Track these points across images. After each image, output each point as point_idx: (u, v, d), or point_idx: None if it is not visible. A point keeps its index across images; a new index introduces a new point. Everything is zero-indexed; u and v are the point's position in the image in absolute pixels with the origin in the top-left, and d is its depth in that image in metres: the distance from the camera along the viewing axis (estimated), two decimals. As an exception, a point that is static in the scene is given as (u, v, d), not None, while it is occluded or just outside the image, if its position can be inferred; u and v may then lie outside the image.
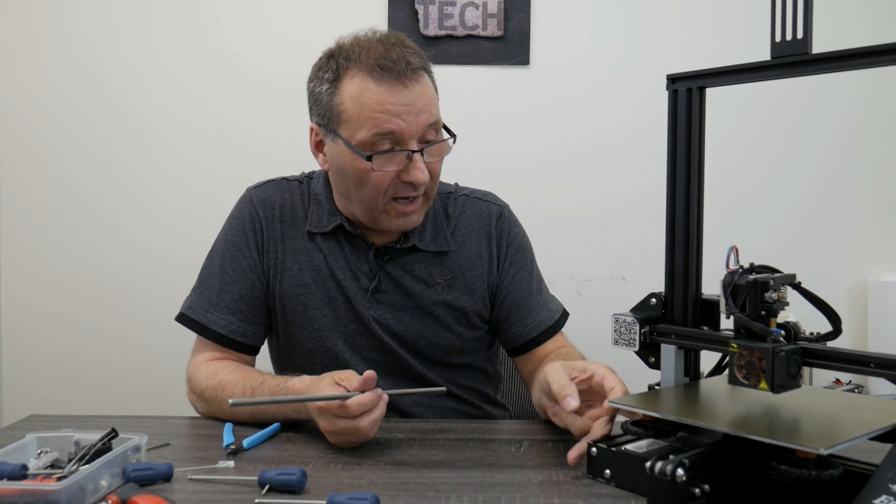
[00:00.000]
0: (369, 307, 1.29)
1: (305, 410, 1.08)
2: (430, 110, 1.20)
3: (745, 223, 2.32)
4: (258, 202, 1.34)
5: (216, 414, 1.21)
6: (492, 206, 1.39)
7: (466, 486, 0.91)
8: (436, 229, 1.34)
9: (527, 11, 2.32)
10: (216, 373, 1.23)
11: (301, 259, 1.30)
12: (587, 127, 2.36)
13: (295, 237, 1.32)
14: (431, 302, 1.31)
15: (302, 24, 2.33)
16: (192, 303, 1.31)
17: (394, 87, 1.16)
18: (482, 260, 1.35)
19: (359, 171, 1.20)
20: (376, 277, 1.29)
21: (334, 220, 1.30)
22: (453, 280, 1.33)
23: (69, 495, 0.79)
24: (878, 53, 0.79)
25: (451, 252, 1.33)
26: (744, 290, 0.86)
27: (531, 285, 1.37)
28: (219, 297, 1.30)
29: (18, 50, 2.33)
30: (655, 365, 0.99)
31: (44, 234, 2.36)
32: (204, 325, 1.28)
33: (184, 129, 2.35)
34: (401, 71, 1.16)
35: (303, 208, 1.33)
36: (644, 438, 0.90)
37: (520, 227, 1.42)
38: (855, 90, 2.34)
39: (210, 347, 1.29)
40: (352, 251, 1.30)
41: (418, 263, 1.31)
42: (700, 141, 0.96)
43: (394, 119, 1.16)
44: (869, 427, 0.79)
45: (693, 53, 2.32)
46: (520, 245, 1.39)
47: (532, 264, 1.40)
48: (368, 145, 1.17)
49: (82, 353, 2.36)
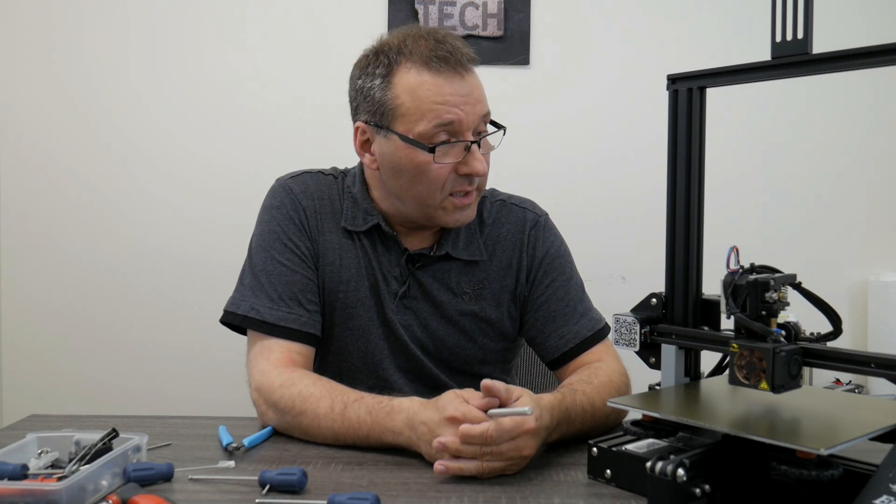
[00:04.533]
0: (396, 311, 1.27)
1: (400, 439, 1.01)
2: (484, 101, 1.19)
3: (746, 223, 2.32)
4: (299, 191, 1.29)
5: (291, 427, 1.10)
6: (528, 214, 1.35)
7: (466, 486, 0.91)
8: (469, 237, 1.30)
9: (527, 11, 2.32)
10: (293, 382, 1.12)
11: (340, 254, 1.27)
12: (587, 127, 2.36)
13: (333, 230, 1.28)
14: (457, 312, 1.28)
15: (302, 23, 2.33)
16: (253, 303, 1.22)
17: (451, 78, 1.16)
18: (511, 270, 1.31)
19: (417, 166, 1.17)
20: (406, 283, 1.27)
21: (371, 219, 1.26)
22: (481, 290, 1.29)
23: (70, 495, 0.79)
24: (878, 53, 0.79)
25: (483, 261, 1.30)
26: (744, 291, 0.86)
27: (568, 295, 1.31)
28: (279, 291, 1.23)
29: (19, 49, 2.33)
30: (656, 365, 0.99)
31: (44, 234, 2.35)
32: (272, 323, 1.20)
33: (184, 128, 2.34)
34: (457, 61, 1.16)
35: (339, 202, 1.30)
36: (644, 438, 0.90)
37: (556, 236, 1.36)
38: (855, 90, 2.33)
39: (278, 348, 1.19)
40: (384, 253, 1.27)
41: (449, 272, 1.28)
42: (700, 141, 0.96)
43: (453, 109, 1.15)
44: (869, 427, 0.79)
45: (693, 53, 2.32)
46: (556, 254, 1.33)
47: (570, 274, 1.34)
48: (427, 137, 1.16)
49: (83, 353, 2.36)
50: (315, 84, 2.32)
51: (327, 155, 2.43)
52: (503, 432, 0.91)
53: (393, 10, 2.31)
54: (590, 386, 1.13)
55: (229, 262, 2.28)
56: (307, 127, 2.32)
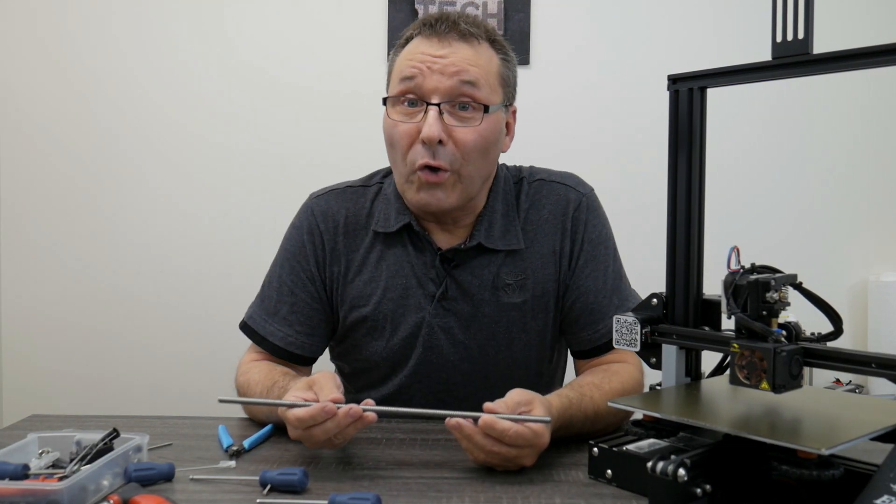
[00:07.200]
0: (435, 315, 1.24)
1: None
2: (469, 72, 1.15)
3: (747, 223, 2.32)
4: (319, 213, 1.29)
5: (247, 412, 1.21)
6: (570, 193, 1.28)
7: (467, 486, 0.91)
8: (506, 224, 1.25)
9: (527, 11, 2.32)
10: (248, 371, 1.22)
11: (366, 271, 1.26)
12: (587, 127, 2.36)
13: (359, 248, 1.27)
14: (499, 307, 1.24)
15: (302, 23, 2.33)
16: (254, 312, 1.29)
17: (429, 40, 1.16)
18: (554, 257, 1.25)
19: (387, 130, 1.19)
20: (443, 284, 1.23)
21: (402, 218, 1.24)
22: (525, 280, 1.24)
23: (71, 495, 0.79)
24: (879, 53, 0.79)
25: (522, 250, 1.24)
26: (745, 291, 0.86)
27: (606, 285, 1.26)
28: (276, 307, 1.27)
29: (20, 49, 2.33)
30: (657, 365, 0.99)
31: (44, 234, 2.35)
32: (262, 336, 1.27)
33: (184, 128, 2.35)
34: (444, 30, 1.16)
35: (367, 216, 1.28)
36: (645, 438, 0.90)
37: (600, 218, 1.30)
38: (856, 90, 2.33)
39: (265, 356, 1.28)
40: (418, 255, 1.24)
41: (487, 266, 1.24)
42: (701, 141, 0.96)
43: (418, 66, 1.15)
44: (870, 427, 0.79)
45: (693, 53, 2.32)
46: (598, 240, 1.27)
47: (608, 262, 1.27)
48: (394, 96, 1.18)
49: (83, 353, 2.36)
50: (315, 85, 2.32)
51: (329, 155, 2.44)
52: (521, 438, 0.92)
53: (393, 10, 2.31)
54: (599, 392, 1.12)
55: (230, 263, 2.31)
56: (307, 128, 2.31)
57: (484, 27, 1.21)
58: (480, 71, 1.16)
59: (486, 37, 1.19)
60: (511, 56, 1.24)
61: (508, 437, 0.91)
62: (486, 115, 1.16)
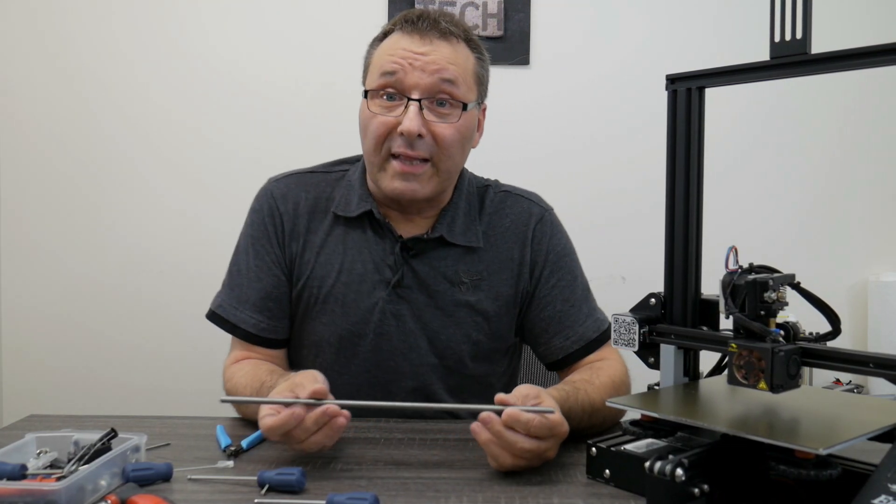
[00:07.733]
0: (388, 301, 1.25)
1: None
2: (448, 70, 1.18)
3: (745, 223, 2.32)
4: (279, 195, 1.31)
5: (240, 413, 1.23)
6: (533, 208, 1.33)
7: (466, 486, 0.91)
8: (468, 223, 1.28)
9: (527, 11, 2.32)
10: (234, 375, 1.24)
11: (324, 252, 1.28)
12: (587, 127, 2.36)
13: (317, 231, 1.29)
14: (453, 302, 1.26)
15: (301, 23, 2.33)
16: (223, 301, 1.30)
17: (410, 36, 1.19)
18: (513, 264, 1.29)
19: (363, 120, 1.21)
20: (400, 271, 1.25)
21: (364, 205, 1.26)
22: (479, 281, 1.27)
23: (69, 495, 0.79)
24: (878, 53, 0.79)
25: (481, 250, 1.28)
26: (743, 290, 0.86)
27: (574, 294, 1.30)
28: (246, 294, 1.28)
29: (20, 49, 2.33)
30: (655, 365, 0.99)
31: (44, 234, 2.35)
32: (234, 324, 1.28)
33: (184, 129, 2.35)
34: (429, 26, 1.19)
35: (327, 199, 1.30)
36: (643, 438, 0.90)
37: (563, 234, 1.35)
38: (854, 90, 2.34)
39: (239, 346, 1.29)
40: (378, 241, 1.26)
41: (445, 260, 1.26)
42: (699, 141, 0.96)
43: (399, 61, 1.18)
44: (868, 427, 0.79)
45: (693, 53, 2.32)
46: (562, 252, 1.32)
47: (576, 273, 1.32)
48: (374, 90, 1.20)
49: (82, 353, 2.36)
50: (314, 85, 2.32)
51: (328, 155, 2.44)
52: (545, 428, 0.92)
53: (393, 11, 2.31)
54: (591, 386, 1.14)
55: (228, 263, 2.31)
56: (307, 128, 2.31)
57: (462, 27, 1.24)
58: (459, 69, 1.21)
59: (463, 36, 1.23)
60: (485, 55, 1.29)
61: (534, 427, 0.91)
62: (464, 113, 1.21)
